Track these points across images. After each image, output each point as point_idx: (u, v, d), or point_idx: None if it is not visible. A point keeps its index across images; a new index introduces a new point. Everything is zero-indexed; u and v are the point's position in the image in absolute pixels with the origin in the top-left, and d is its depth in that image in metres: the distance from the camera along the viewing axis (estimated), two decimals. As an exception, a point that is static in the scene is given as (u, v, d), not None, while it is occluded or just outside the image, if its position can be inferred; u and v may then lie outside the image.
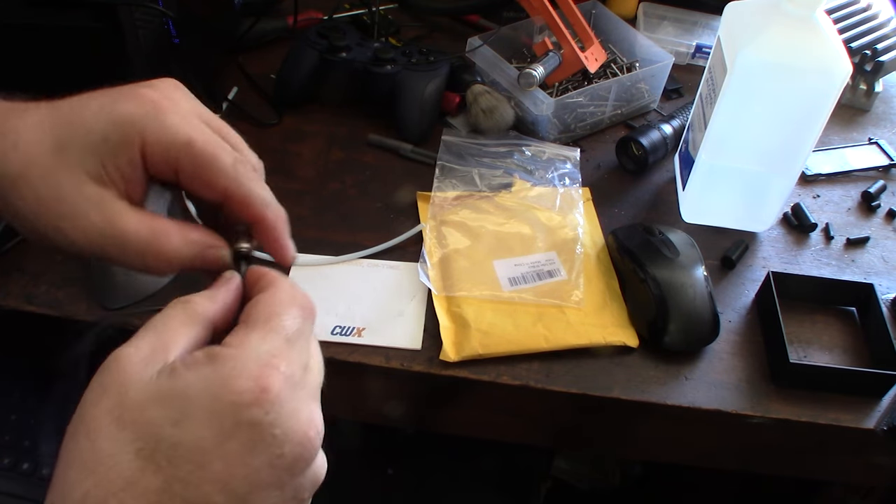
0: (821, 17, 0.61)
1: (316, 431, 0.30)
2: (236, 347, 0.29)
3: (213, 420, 0.27)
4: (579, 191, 0.74)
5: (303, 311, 0.32)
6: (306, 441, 0.29)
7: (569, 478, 1.15)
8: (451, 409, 0.65)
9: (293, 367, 0.29)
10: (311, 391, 0.31)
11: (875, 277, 0.69)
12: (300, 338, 0.31)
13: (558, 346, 0.60)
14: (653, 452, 0.71)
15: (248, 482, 0.27)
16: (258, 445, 0.28)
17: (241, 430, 0.27)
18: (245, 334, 0.30)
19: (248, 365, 0.28)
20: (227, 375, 0.28)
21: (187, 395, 0.27)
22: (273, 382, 0.28)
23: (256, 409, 0.27)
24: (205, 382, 0.28)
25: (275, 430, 0.28)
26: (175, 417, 0.27)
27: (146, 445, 0.27)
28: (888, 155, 0.82)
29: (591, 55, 0.83)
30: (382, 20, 0.91)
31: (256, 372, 0.28)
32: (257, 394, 0.28)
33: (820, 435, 0.60)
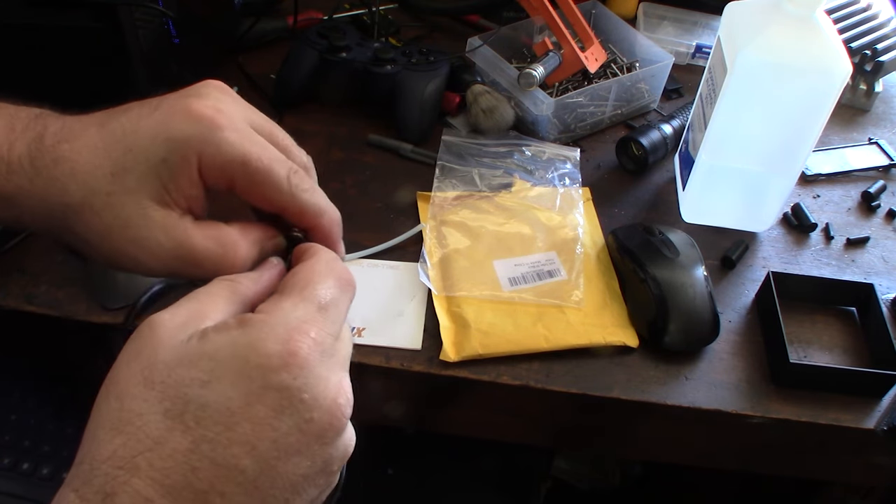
0: (821, 17, 0.61)
1: (346, 399, 0.30)
2: (267, 313, 0.29)
3: (241, 382, 0.27)
4: (579, 191, 0.74)
5: (339, 281, 0.32)
6: (335, 408, 0.29)
7: (569, 478, 1.15)
8: (451, 409, 0.65)
9: (324, 335, 0.29)
10: (341, 360, 0.31)
11: (875, 277, 0.69)
12: (334, 307, 0.31)
13: (558, 346, 0.60)
14: (653, 452, 0.71)
15: (276, 446, 0.27)
16: (286, 409, 0.28)
17: (270, 393, 0.27)
18: (277, 301, 0.30)
19: (276, 329, 0.28)
20: (256, 338, 0.28)
21: (216, 357, 0.28)
22: (301, 347, 0.28)
23: (285, 373, 0.28)
24: (233, 346, 0.28)
25: (303, 394, 0.28)
26: (203, 378, 0.27)
27: (174, 406, 0.27)
28: (888, 155, 0.82)
29: (591, 55, 0.83)
30: (382, 20, 0.91)
31: (285, 336, 0.28)
32: (285, 357, 0.28)
33: (820, 435, 0.60)
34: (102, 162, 0.33)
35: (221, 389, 0.27)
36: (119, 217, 0.33)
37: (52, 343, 0.67)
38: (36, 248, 0.65)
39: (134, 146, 0.33)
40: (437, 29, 0.95)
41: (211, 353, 0.28)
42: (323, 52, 0.78)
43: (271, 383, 0.27)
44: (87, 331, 0.61)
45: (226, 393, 0.27)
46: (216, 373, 0.27)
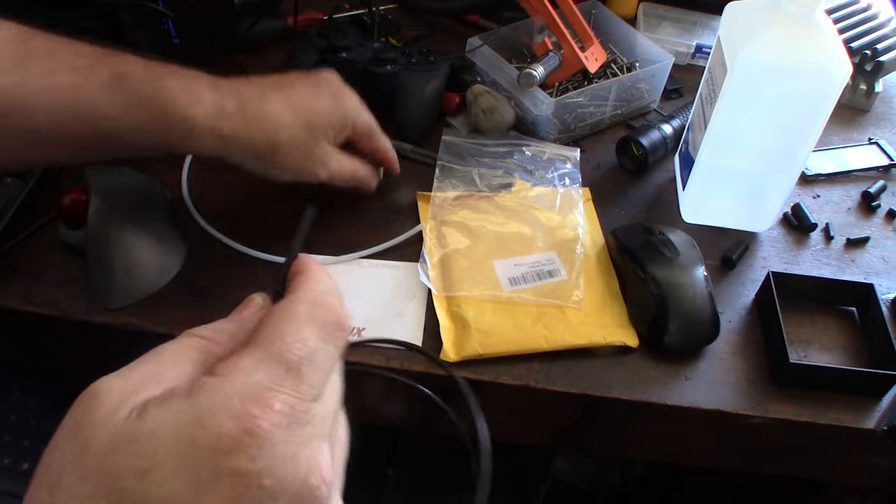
0: (821, 17, 0.61)
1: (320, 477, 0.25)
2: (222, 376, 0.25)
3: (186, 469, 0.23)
4: (579, 191, 0.74)
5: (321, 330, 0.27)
6: (306, 490, 0.24)
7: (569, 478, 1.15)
8: (451, 408, 0.65)
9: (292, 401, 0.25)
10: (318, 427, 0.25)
11: (875, 277, 0.69)
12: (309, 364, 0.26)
13: (558, 346, 0.60)
14: (653, 452, 0.71)
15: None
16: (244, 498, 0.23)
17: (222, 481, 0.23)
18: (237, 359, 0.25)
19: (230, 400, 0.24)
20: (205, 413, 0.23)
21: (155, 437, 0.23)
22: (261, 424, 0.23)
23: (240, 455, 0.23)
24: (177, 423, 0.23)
25: (264, 480, 0.23)
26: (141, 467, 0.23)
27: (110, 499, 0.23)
28: (888, 155, 0.82)
29: (591, 55, 0.83)
30: (382, 20, 0.91)
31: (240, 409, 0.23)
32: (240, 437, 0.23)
33: (820, 435, 0.60)
34: (296, 121, 0.58)
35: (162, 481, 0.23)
36: (311, 150, 0.60)
37: (52, 343, 0.67)
38: (36, 248, 0.65)
39: (318, 111, 0.60)
40: (437, 29, 0.95)
41: (149, 434, 0.23)
42: (323, 52, 0.78)
43: (223, 469, 0.23)
44: (87, 331, 0.61)
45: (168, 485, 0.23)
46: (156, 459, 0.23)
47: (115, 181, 0.64)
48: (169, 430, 0.23)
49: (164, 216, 0.65)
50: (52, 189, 0.68)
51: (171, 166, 0.72)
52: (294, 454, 0.24)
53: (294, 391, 0.25)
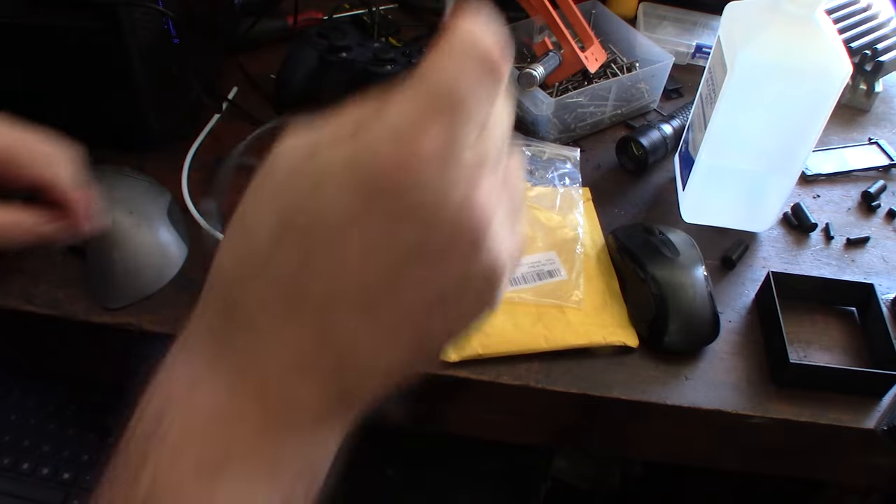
0: (821, 17, 0.60)
1: (481, 211, 0.25)
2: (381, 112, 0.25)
3: (353, 188, 0.24)
4: (579, 191, 0.74)
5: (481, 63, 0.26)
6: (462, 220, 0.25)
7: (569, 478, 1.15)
8: (451, 408, 0.65)
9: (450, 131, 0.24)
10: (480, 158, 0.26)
11: (875, 277, 0.69)
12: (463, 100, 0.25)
13: (558, 346, 0.60)
14: (653, 452, 0.71)
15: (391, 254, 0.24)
16: (404, 217, 0.24)
17: (384, 199, 0.24)
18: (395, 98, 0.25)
19: (388, 127, 0.24)
20: (367, 141, 0.24)
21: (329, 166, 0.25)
22: (420, 146, 0.24)
23: (400, 175, 0.24)
24: (345, 153, 0.25)
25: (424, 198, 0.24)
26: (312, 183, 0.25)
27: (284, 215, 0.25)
28: (888, 155, 0.82)
29: (591, 55, 0.83)
30: (382, 20, 0.91)
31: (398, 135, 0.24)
32: (401, 157, 0.24)
33: (820, 435, 0.59)
34: None
35: (333, 195, 0.24)
36: None
37: (52, 343, 0.67)
38: (36, 247, 0.65)
39: None
40: (438, 29, 0.95)
41: (324, 164, 0.25)
42: (323, 53, 0.78)
43: (385, 187, 0.24)
44: (87, 331, 0.61)
45: (338, 199, 0.24)
46: (328, 179, 0.24)
47: (115, 181, 0.64)
48: (339, 158, 0.25)
49: (163, 216, 0.65)
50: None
51: (171, 166, 0.72)
52: (454, 179, 0.24)
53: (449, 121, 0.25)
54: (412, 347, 0.28)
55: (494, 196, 0.26)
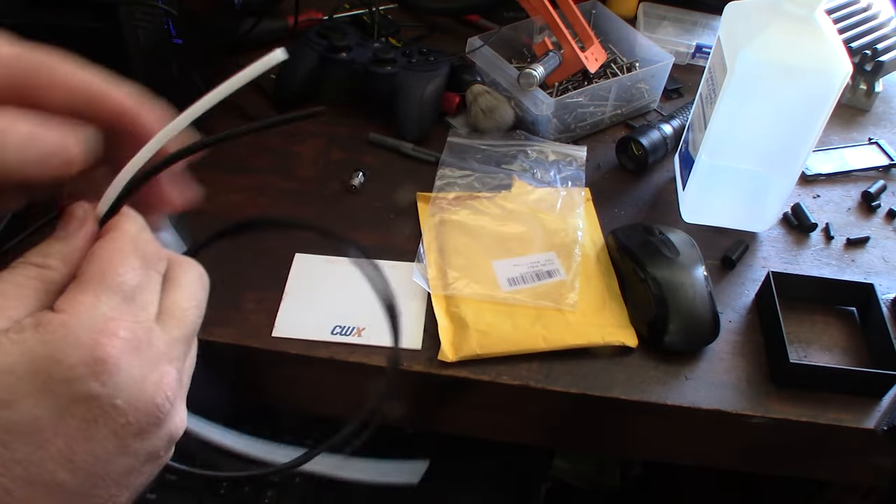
0: (821, 17, 0.61)
1: (164, 398, 0.28)
2: (67, 313, 0.26)
3: (46, 398, 0.25)
4: (581, 193, 0.74)
5: (144, 261, 0.29)
6: (153, 408, 0.27)
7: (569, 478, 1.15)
8: (451, 409, 0.65)
9: (135, 328, 0.27)
10: (164, 350, 0.28)
11: (875, 277, 0.69)
12: (141, 292, 0.28)
13: (557, 346, 0.60)
14: (653, 452, 0.71)
15: (93, 455, 0.26)
16: (99, 418, 0.26)
17: (79, 405, 0.26)
18: (76, 296, 0.27)
19: (79, 333, 0.26)
20: (57, 348, 0.25)
21: (15, 372, 0.25)
22: (110, 352, 0.26)
23: (93, 382, 0.26)
24: (32, 358, 0.25)
25: (116, 400, 0.26)
26: (4, 399, 0.25)
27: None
28: (888, 155, 0.82)
29: (591, 55, 0.83)
30: (382, 20, 0.91)
31: (90, 341, 0.26)
32: (92, 365, 0.26)
33: (820, 435, 0.60)
34: None
35: (26, 408, 0.25)
36: None
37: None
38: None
39: None
40: (437, 29, 0.95)
41: (8, 369, 0.25)
42: (323, 53, 0.79)
43: (79, 394, 0.25)
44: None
45: (31, 412, 0.25)
46: (18, 391, 0.25)
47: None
48: (24, 365, 0.25)
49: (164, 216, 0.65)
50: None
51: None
52: (142, 376, 0.27)
53: (134, 318, 0.27)
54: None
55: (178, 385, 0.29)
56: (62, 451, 0.26)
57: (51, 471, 0.26)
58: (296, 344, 0.60)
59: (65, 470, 0.26)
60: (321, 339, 0.60)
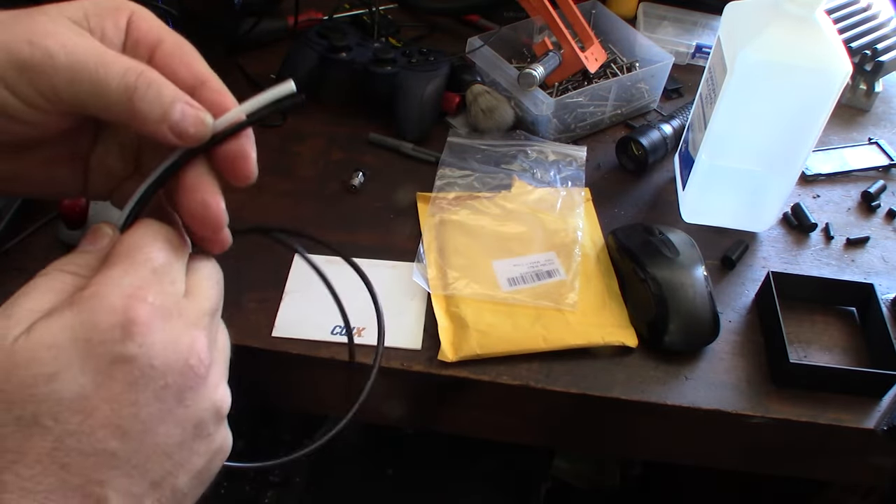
0: (821, 17, 0.61)
1: (198, 359, 0.29)
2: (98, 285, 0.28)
3: (88, 364, 0.26)
4: (581, 193, 0.74)
5: (170, 244, 0.30)
6: (188, 369, 0.28)
7: (569, 478, 1.15)
8: (450, 409, 0.65)
9: (164, 297, 0.28)
10: (193, 319, 0.29)
11: (875, 277, 0.69)
12: (168, 269, 0.30)
13: (557, 346, 0.60)
14: (653, 452, 0.71)
15: (139, 420, 0.27)
16: (139, 380, 0.27)
17: (119, 368, 0.27)
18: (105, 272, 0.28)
19: (111, 300, 0.27)
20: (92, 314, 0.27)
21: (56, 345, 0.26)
22: (140, 313, 0.27)
23: (129, 343, 0.27)
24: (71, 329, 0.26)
25: (153, 361, 0.27)
26: (49, 372, 0.26)
27: (25, 411, 0.25)
28: (888, 155, 0.82)
29: (591, 55, 0.83)
30: (382, 20, 0.91)
31: (121, 304, 0.27)
32: (127, 326, 0.27)
33: (820, 435, 0.60)
34: None
35: (71, 377, 0.26)
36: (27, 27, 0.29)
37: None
38: (36, 248, 0.65)
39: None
40: (437, 29, 0.95)
41: (49, 343, 0.26)
42: (323, 53, 0.79)
43: (118, 356, 0.27)
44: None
45: (76, 380, 0.26)
46: (61, 362, 0.26)
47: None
48: (64, 335, 0.26)
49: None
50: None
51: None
52: (175, 338, 0.28)
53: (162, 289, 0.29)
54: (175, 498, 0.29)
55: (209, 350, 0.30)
56: (109, 417, 0.26)
57: (101, 439, 0.26)
58: (296, 344, 0.60)
59: (115, 437, 0.27)
60: (321, 339, 0.60)
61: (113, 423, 0.27)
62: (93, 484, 0.26)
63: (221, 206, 0.32)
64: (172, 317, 0.28)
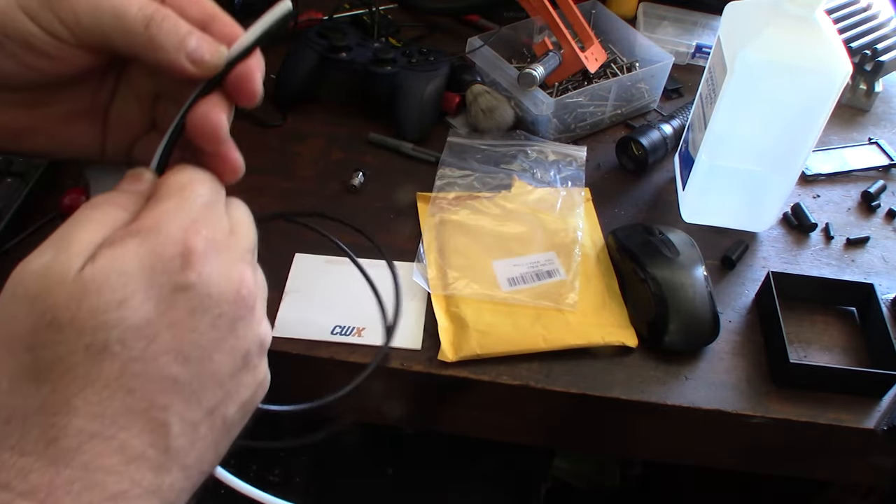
0: (821, 17, 0.61)
1: (248, 290, 0.30)
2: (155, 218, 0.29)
3: (152, 290, 0.27)
4: (581, 193, 0.74)
5: (213, 185, 0.32)
6: (239, 300, 0.29)
7: (569, 478, 1.15)
8: (451, 409, 0.65)
9: (215, 231, 0.30)
10: (240, 254, 0.31)
11: (875, 277, 0.69)
12: (217, 206, 0.31)
13: (557, 346, 0.60)
14: (653, 452, 0.71)
15: (198, 347, 0.28)
16: (198, 308, 0.28)
17: (180, 297, 0.28)
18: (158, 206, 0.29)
19: (171, 231, 0.28)
20: (154, 244, 0.28)
21: (125, 271, 0.27)
22: (198, 244, 0.28)
23: (189, 272, 0.28)
24: (136, 256, 0.27)
25: (210, 289, 0.28)
26: (118, 298, 0.27)
27: (95, 338, 0.26)
28: (888, 155, 0.82)
29: (591, 55, 0.83)
30: (382, 20, 0.91)
31: (181, 236, 0.28)
32: (187, 257, 0.28)
33: (820, 435, 0.60)
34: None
35: (138, 304, 0.27)
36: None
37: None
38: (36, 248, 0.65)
39: None
40: (437, 29, 0.95)
41: (118, 269, 0.27)
42: (323, 53, 0.79)
43: (179, 284, 0.28)
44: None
45: (142, 307, 0.27)
46: (129, 288, 0.27)
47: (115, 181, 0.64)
48: (132, 263, 0.27)
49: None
50: (52, 189, 0.68)
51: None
52: (227, 270, 0.29)
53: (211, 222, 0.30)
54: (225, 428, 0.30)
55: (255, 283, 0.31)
56: (171, 343, 0.27)
57: (164, 364, 0.27)
58: (296, 344, 0.60)
59: (176, 363, 0.27)
60: (321, 339, 0.60)
61: (174, 349, 0.27)
62: (156, 409, 0.27)
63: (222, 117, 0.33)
64: (223, 250, 0.29)
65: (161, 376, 0.27)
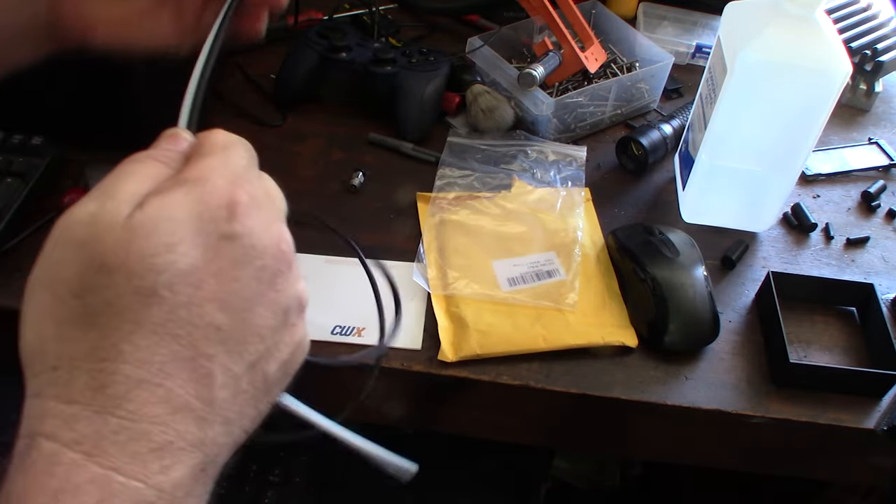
0: (821, 17, 0.61)
1: (288, 245, 0.31)
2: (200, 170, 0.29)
3: (200, 239, 0.28)
4: (581, 193, 0.74)
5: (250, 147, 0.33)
6: (280, 254, 0.30)
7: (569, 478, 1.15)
8: (451, 409, 0.65)
9: (256, 189, 0.30)
10: (277, 213, 0.32)
11: (875, 277, 0.69)
12: (254, 167, 0.32)
13: (557, 346, 0.60)
14: (653, 452, 0.71)
15: (241, 297, 0.28)
16: (242, 259, 0.28)
17: (225, 246, 0.28)
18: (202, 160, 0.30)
19: (217, 183, 0.29)
20: (202, 193, 0.28)
21: (174, 217, 0.27)
22: (243, 198, 0.29)
23: (234, 223, 0.28)
24: (184, 204, 0.28)
25: (253, 240, 0.29)
26: (168, 242, 0.27)
27: (144, 281, 0.26)
28: (888, 155, 0.82)
29: (591, 55, 0.83)
30: (382, 20, 0.91)
31: (227, 188, 0.29)
32: (232, 208, 0.28)
33: (820, 435, 0.60)
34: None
35: (186, 249, 0.27)
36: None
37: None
38: (36, 248, 0.65)
39: None
40: (437, 29, 0.95)
41: (167, 216, 0.27)
42: (323, 53, 0.79)
43: (225, 235, 0.28)
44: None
45: (190, 253, 0.27)
46: (178, 234, 0.27)
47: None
48: (181, 210, 0.28)
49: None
50: (52, 189, 0.68)
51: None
52: (268, 225, 0.30)
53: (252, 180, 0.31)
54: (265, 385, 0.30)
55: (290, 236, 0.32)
56: (216, 291, 0.28)
57: (209, 312, 0.27)
58: (296, 344, 0.60)
59: (220, 311, 0.28)
60: (321, 339, 0.60)
61: (218, 297, 0.28)
62: (202, 357, 0.27)
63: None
64: (263, 207, 0.30)
65: (206, 324, 0.27)
